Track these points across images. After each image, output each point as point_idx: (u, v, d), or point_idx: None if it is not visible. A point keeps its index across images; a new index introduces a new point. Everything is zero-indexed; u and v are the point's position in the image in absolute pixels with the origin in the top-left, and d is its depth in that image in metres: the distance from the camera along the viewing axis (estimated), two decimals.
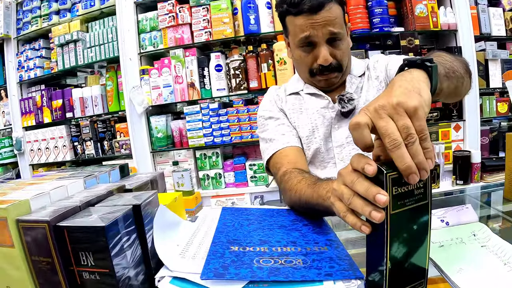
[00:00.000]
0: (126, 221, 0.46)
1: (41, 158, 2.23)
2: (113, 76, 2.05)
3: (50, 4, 2.22)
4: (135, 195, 0.55)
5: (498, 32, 2.06)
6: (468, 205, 0.67)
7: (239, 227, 0.61)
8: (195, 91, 1.89)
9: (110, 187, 0.58)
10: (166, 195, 0.69)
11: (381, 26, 1.87)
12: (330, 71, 0.90)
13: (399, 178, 0.37)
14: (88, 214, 0.45)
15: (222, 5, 1.86)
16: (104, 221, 0.41)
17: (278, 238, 0.55)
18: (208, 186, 1.96)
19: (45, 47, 2.30)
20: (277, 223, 0.63)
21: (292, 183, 0.74)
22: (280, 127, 0.96)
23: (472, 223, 0.62)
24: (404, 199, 0.38)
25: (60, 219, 0.43)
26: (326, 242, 0.54)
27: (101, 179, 0.67)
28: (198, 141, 1.90)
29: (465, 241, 0.56)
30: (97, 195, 0.53)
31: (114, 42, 2.01)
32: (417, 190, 0.39)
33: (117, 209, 0.46)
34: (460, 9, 1.92)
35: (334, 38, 0.87)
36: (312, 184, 0.66)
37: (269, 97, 1.04)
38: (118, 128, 2.05)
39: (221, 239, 0.54)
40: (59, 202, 0.50)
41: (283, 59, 1.81)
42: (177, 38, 1.92)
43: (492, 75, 2.02)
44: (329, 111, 0.95)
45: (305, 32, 0.85)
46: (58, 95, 2.14)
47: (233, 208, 0.73)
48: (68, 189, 0.56)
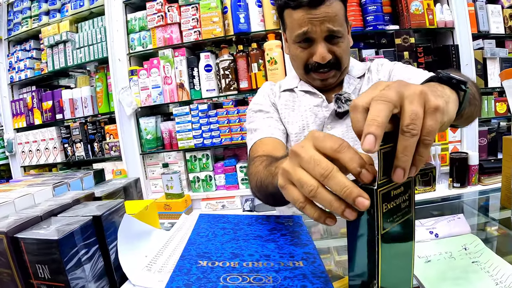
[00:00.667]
0: (84, 233, 0.44)
1: (32, 160, 2.21)
2: (102, 77, 2.02)
3: (40, 5, 2.20)
4: (100, 204, 0.53)
5: (496, 29, 2.00)
6: (460, 215, 0.62)
7: (213, 237, 0.57)
8: (185, 92, 1.85)
9: (78, 195, 0.57)
10: (137, 203, 0.66)
11: (375, 24, 1.82)
12: (327, 69, 0.87)
13: (388, 192, 0.33)
14: (47, 225, 0.44)
15: (211, 4, 1.82)
16: (59, 234, 0.40)
17: (252, 251, 0.52)
18: (198, 188, 1.92)
19: (35, 48, 2.28)
20: (254, 233, 0.60)
21: (254, 167, 0.71)
22: (268, 120, 0.93)
23: (464, 235, 0.57)
24: (392, 216, 0.34)
25: (18, 230, 0.42)
26: (302, 256, 0.50)
27: (73, 186, 0.65)
28: (188, 142, 1.86)
29: (455, 256, 0.51)
30: (62, 204, 0.51)
31: (103, 42, 1.98)
32: (404, 203, 0.35)
33: (76, 221, 0.45)
34: (457, 6, 1.86)
35: (333, 35, 0.84)
36: (267, 165, 0.63)
37: (262, 91, 1.01)
38: (107, 129, 2.02)
39: (191, 252, 0.51)
40: (23, 211, 0.49)
41: (273, 58, 1.76)
42: (166, 38, 1.88)
43: (490, 74, 1.96)
44: (322, 110, 0.92)
45: (303, 28, 0.82)
46: (48, 96, 2.12)
47: (211, 215, 0.69)
48: (35, 197, 0.55)
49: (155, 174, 1.97)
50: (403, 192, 0.35)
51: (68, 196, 0.56)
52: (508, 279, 0.44)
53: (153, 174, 1.97)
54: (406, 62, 1.82)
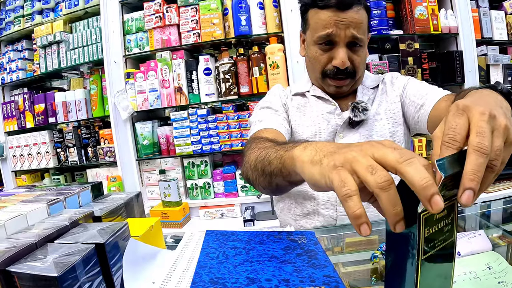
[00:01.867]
0: (86, 265, 0.39)
1: (24, 165, 2.13)
2: (97, 80, 1.95)
3: (33, 3, 2.13)
4: (101, 227, 0.47)
5: (500, 36, 1.98)
6: (480, 232, 0.60)
7: (224, 259, 0.53)
8: (183, 96, 1.79)
9: (76, 216, 0.51)
10: (141, 222, 0.61)
11: (379, 28, 1.79)
12: (344, 76, 0.85)
13: (431, 216, 0.32)
14: (44, 255, 0.39)
15: (211, 5, 1.77)
16: (58, 269, 0.35)
17: (269, 275, 0.48)
18: (196, 196, 1.86)
19: (28, 48, 2.20)
20: (268, 253, 0.55)
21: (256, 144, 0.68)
22: (275, 116, 0.90)
23: (485, 253, 0.56)
24: (434, 240, 0.33)
25: (11, 261, 0.37)
26: (323, 280, 0.46)
27: (69, 203, 0.60)
28: (186, 149, 1.80)
29: (480, 276, 0.50)
30: (58, 227, 0.46)
31: (98, 43, 1.91)
32: (446, 227, 0.34)
33: (77, 250, 0.40)
34: (461, 12, 1.84)
35: (355, 42, 0.83)
36: (279, 144, 0.59)
37: (273, 92, 0.99)
38: (102, 134, 1.95)
39: (203, 277, 0.47)
40: (15, 235, 0.44)
41: (275, 62, 1.71)
42: (164, 39, 1.82)
43: (493, 81, 1.94)
44: (335, 117, 0.90)
45: (327, 29, 0.81)
46: (41, 99, 2.04)
47: (218, 232, 0.64)
48: (28, 218, 0.49)
49: (151, 180, 1.90)
50: (446, 216, 0.33)
51: (64, 216, 0.51)
52: None
53: (149, 181, 1.91)
54: (411, 68, 1.79)
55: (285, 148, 0.52)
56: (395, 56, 1.80)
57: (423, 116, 0.84)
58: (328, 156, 0.39)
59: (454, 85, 1.88)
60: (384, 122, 0.90)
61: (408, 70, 1.79)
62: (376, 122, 0.90)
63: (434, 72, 1.85)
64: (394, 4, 1.91)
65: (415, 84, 0.92)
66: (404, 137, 0.92)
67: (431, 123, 0.82)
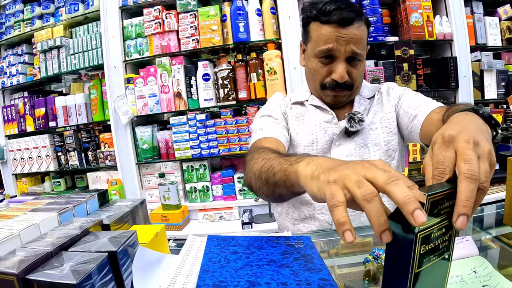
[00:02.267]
0: (101, 272, 0.42)
1: (24, 168, 2.15)
2: (97, 84, 1.97)
3: (33, 8, 2.15)
4: (112, 235, 0.51)
5: (494, 42, 2.01)
6: (468, 237, 0.63)
7: (226, 263, 0.56)
8: (182, 101, 1.82)
9: (86, 224, 0.54)
10: (146, 229, 0.64)
11: (375, 35, 1.82)
12: (341, 89, 0.89)
13: (429, 235, 0.34)
14: (60, 263, 0.42)
15: (210, 12, 1.80)
16: (76, 277, 0.38)
17: (268, 278, 0.51)
18: (195, 199, 1.89)
19: (28, 53, 2.22)
20: (266, 258, 0.58)
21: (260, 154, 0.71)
22: (275, 125, 0.93)
23: (472, 257, 0.59)
24: (429, 255, 0.36)
25: (30, 269, 0.40)
26: (319, 283, 0.49)
27: (78, 211, 0.63)
28: (185, 153, 1.83)
29: (466, 280, 0.53)
30: (71, 235, 0.49)
31: (98, 49, 1.94)
32: (443, 243, 0.36)
33: (91, 259, 0.43)
34: (456, 19, 1.87)
35: (354, 57, 0.86)
36: (284, 156, 0.63)
37: (273, 100, 1.03)
38: (102, 138, 1.97)
39: (206, 281, 0.50)
40: (30, 244, 0.47)
41: (273, 68, 1.74)
42: (164, 45, 1.85)
43: (487, 86, 1.97)
44: (332, 126, 0.93)
45: (328, 44, 0.84)
46: (41, 103, 2.06)
47: (219, 237, 0.67)
48: (41, 227, 0.52)
49: (151, 184, 1.93)
50: (444, 233, 0.36)
51: (75, 224, 0.54)
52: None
53: (149, 184, 1.94)
54: (405, 74, 1.82)
55: (289, 161, 0.56)
56: (390, 62, 1.83)
57: (416, 126, 0.87)
58: (325, 172, 0.44)
59: (448, 91, 1.92)
60: (379, 131, 0.93)
61: (403, 76, 1.83)
62: (371, 131, 0.93)
63: (429, 78, 1.89)
64: (390, 11, 1.95)
65: (410, 95, 0.94)
66: (398, 146, 0.95)
67: (423, 134, 0.85)
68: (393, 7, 1.94)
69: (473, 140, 0.38)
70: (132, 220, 0.69)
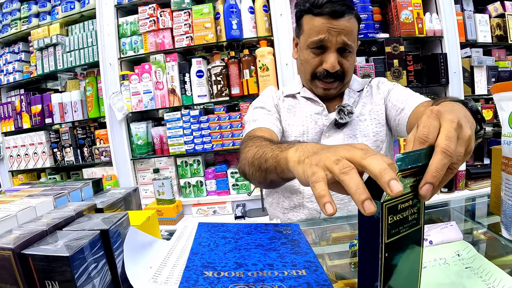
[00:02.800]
0: (93, 248, 0.44)
1: (20, 165, 2.17)
2: (93, 81, 2.00)
3: (30, 7, 2.17)
4: (104, 216, 0.53)
5: (484, 38, 2.04)
6: (452, 223, 0.65)
7: (215, 247, 0.58)
8: (176, 98, 1.85)
9: (80, 207, 0.56)
10: (139, 214, 0.66)
11: (366, 32, 1.85)
12: (332, 79, 0.91)
13: (395, 206, 0.36)
14: (54, 240, 0.44)
15: (204, 10, 1.83)
16: (69, 250, 0.40)
17: (255, 260, 0.53)
18: (189, 194, 1.91)
19: (24, 51, 2.25)
20: (255, 242, 0.60)
21: (254, 141, 0.73)
22: (268, 116, 0.96)
23: (456, 242, 0.60)
24: (399, 227, 0.37)
25: (25, 245, 0.42)
26: (304, 264, 0.51)
27: (73, 197, 0.65)
28: (179, 148, 1.86)
29: (449, 262, 0.54)
30: (65, 217, 0.51)
31: (94, 46, 1.96)
32: (412, 215, 0.37)
33: (84, 235, 0.45)
34: (446, 16, 1.90)
35: (345, 48, 0.89)
36: (276, 143, 0.65)
37: (266, 93, 1.05)
38: (98, 134, 2.00)
39: (195, 262, 0.52)
40: (26, 224, 0.49)
41: (265, 65, 1.77)
42: (158, 43, 1.87)
43: (477, 82, 2.00)
44: (322, 118, 0.95)
45: (320, 35, 0.87)
46: (37, 100, 2.09)
47: (210, 224, 0.69)
48: (37, 210, 0.54)
49: (145, 179, 1.95)
50: (412, 206, 0.37)
51: (70, 208, 0.56)
52: (500, 284, 0.46)
53: (143, 180, 1.96)
54: (396, 70, 1.85)
55: (280, 148, 0.59)
56: (381, 58, 1.86)
57: (403, 119, 0.90)
58: (310, 157, 0.46)
59: (439, 86, 1.95)
60: (368, 123, 0.96)
61: (394, 72, 1.86)
62: (361, 122, 0.96)
63: (419, 74, 1.92)
64: (380, 8, 1.98)
65: (399, 90, 0.97)
66: (386, 137, 0.97)
67: (410, 126, 0.88)
68: (383, 4, 1.97)
69: (458, 122, 0.39)
70: (125, 207, 0.71)
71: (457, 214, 0.87)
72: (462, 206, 0.91)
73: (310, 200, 0.94)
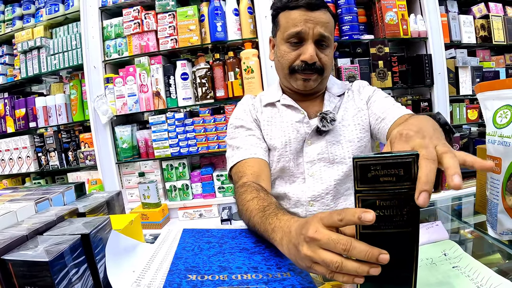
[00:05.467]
0: (73, 253, 0.44)
1: (4, 169, 2.15)
2: (77, 84, 1.98)
3: (14, 9, 2.15)
4: (86, 221, 0.52)
5: (468, 39, 2.06)
6: (438, 222, 0.65)
7: (199, 251, 0.58)
8: (161, 100, 1.84)
9: (62, 212, 0.56)
10: (122, 218, 0.66)
11: (351, 33, 1.85)
12: (311, 71, 0.90)
13: (373, 202, 0.38)
14: (35, 245, 0.43)
15: (188, 12, 1.82)
16: (49, 255, 0.40)
17: (239, 263, 0.53)
18: (175, 197, 1.90)
19: (8, 54, 2.22)
20: (239, 246, 0.61)
21: (246, 199, 0.72)
22: (250, 137, 0.94)
23: (442, 241, 0.61)
24: (379, 222, 0.38)
25: (5, 251, 0.41)
26: (289, 267, 0.52)
27: (55, 201, 0.64)
28: (164, 151, 1.85)
29: (436, 262, 0.55)
30: (46, 221, 0.51)
31: (78, 49, 1.94)
32: (397, 216, 0.38)
33: (64, 240, 0.44)
34: (431, 17, 1.92)
35: (322, 41, 0.89)
36: (261, 210, 0.64)
37: (243, 106, 1.02)
38: (82, 138, 1.98)
39: (179, 266, 0.52)
40: (7, 229, 0.48)
41: (250, 67, 1.77)
42: (143, 45, 1.86)
43: (462, 82, 2.02)
44: (303, 126, 0.94)
45: (297, 27, 0.87)
46: (21, 103, 2.06)
47: (194, 230, 0.69)
48: (18, 215, 0.54)
49: (131, 183, 1.94)
50: (397, 206, 0.38)
51: (51, 212, 0.56)
52: (488, 282, 0.46)
53: (129, 183, 1.95)
54: (381, 72, 1.86)
55: (264, 226, 0.59)
56: (366, 60, 1.86)
57: (383, 129, 0.90)
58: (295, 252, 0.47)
59: (424, 87, 1.96)
60: (352, 128, 0.94)
61: (379, 73, 1.86)
62: (344, 127, 0.94)
63: (404, 75, 1.92)
64: (365, 10, 1.98)
65: (379, 97, 0.97)
66: (369, 143, 0.97)
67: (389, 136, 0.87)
68: (368, 6, 1.98)
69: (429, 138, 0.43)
70: (109, 211, 0.70)
71: (443, 213, 0.87)
72: (448, 205, 0.92)
73: (296, 206, 0.93)
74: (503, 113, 0.61)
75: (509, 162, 0.57)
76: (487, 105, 0.65)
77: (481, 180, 0.71)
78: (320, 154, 0.92)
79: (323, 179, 0.91)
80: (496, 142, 0.61)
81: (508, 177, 0.58)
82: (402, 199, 0.38)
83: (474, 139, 2.08)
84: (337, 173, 0.91)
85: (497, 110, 0.62)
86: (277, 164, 0.93)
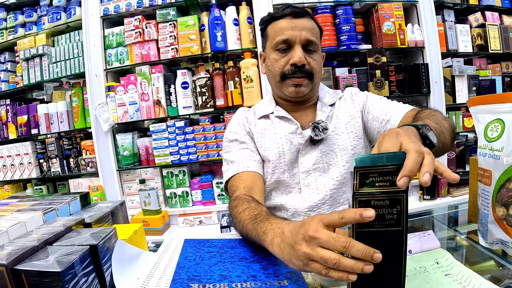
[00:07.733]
0: (83, 263, 0.46)
1: (6, 175, 2.16)
2: (79, 92, 2.01)
3: (16, 17, 2.18)
4: (93, 231, 0.54)
5: (465, 48, 2.09)
6: (429, 232, 0.67)
7: (200, 261, 0.60)
8: (161, 109, 1.86)
9: (69, 222, 0.58)
10: (126, 228, 0.68)
11: (349, 43, 1.88)
12: (301, 74, 0.92)
13: (368, 201, 0.42)
14: (46, 255, 0.45)
15: (189, 22, 1.85)
16: (60, 266, 0.42)
17: (239, 272, 0.55)
18: (175, 204, 1.92)
19: (10, 61, 2.25)
20: (239, 255, 0.63)
21: (238, 211, 0.74)
22: (244, 151, 0.96)
23: (435, 250, 0.63)
24: (373, 221, 0.41)
25: (18, 261, 0.43)
26: (286, 275, 0.54)
27: (61, 211, 0.67)
28: (165, 159, 1.87)
29: (429, 270, 0.56)
30: (55, 232, 0.53)
31: (80, 57, 1.97)
32: (389, 215, 0.42)
33: (74, 250, 0.47)
34: (428, 27, 1.95)
35: (309, 45, 0.92)
36: (253, 218, 0.66)
37: (237, 119, 1.04)
38: (84, 145, 2.00)
39: (182, 275, 0.54)
40: (17, 240, 0.50)
41: (249, 76, 1.79)
42: (144, 54, 1.89)
43: (458, 91, 2.05)
44: (297, 137, 0.96)
45: (284, 34, 0.91)
46: (23, 110, 2.09)
47: (196, 240, 0.71)
48: (27, 225, 0.56)
49: (132, 190, 1.96)
50: (389, 206, 0.42)
51: (59, 223, 0.58)
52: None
53: (129, 190, 1.97)
54: (378, 81, 1.88)
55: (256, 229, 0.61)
56: (363, 69, 1.89)
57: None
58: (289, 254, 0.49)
59: (421, 96, 1.99)
60: (345, 136, 0.96)
61: (376, 83, 1.89)
62: (337, 136, 0.96)
63: (401, 84, 1.95)
64: (363, 20, 2.01)
65: (375, 100, 0.98)
66: (363, 150, 0.98)
67: None
68: (366, 16, 2.01)
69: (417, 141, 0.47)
70: (113, 220, 0.73)
71: (437, 222, 0.89)
72: (444, 214, 0.94)
73: (294, 216, 0.95)
74: (494, 126, 0.63)
75: (499, 175, 0.60)
76: (479, 119, 0.67)
77: (473, 191, 0.73)
78: (316, 164, 0.93)
79: (319, 189, 0.93)
80: (486, 155, 0.63)
81: (498, 189, 0.60)
82: (393, 199, 0.42)
83: (470, 146, 2.11)
84: (332, 182, 0.93)
85: (488, 123, 0.64)
86: (272, 176, 0.95)
